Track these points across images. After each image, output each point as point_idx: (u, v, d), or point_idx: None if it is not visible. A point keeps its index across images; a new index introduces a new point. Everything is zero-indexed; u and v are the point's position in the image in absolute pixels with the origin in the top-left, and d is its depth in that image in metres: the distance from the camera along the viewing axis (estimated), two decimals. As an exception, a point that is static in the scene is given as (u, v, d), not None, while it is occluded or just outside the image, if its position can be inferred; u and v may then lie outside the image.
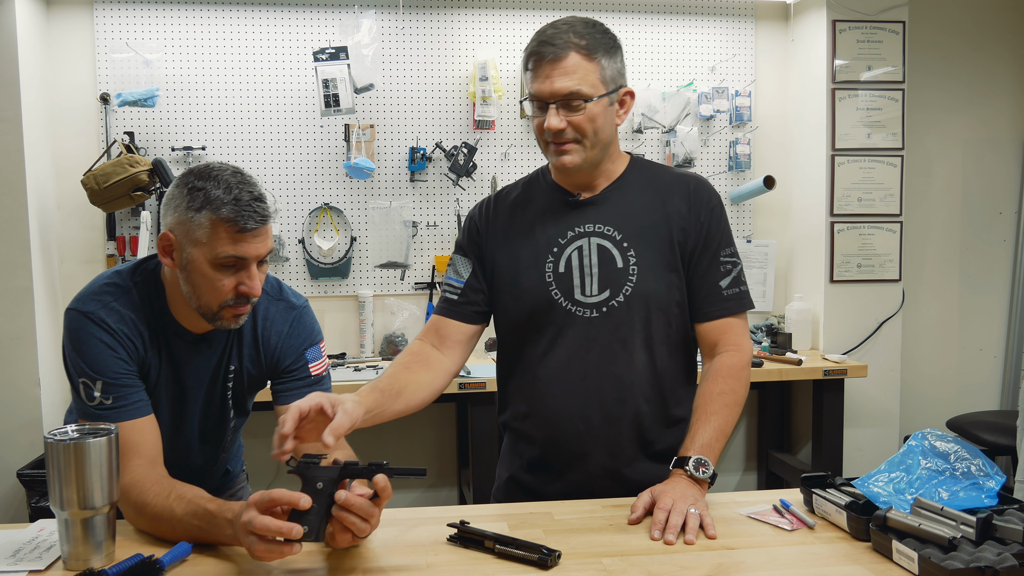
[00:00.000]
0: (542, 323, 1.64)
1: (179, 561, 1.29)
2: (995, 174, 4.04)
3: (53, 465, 1.25)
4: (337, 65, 3.33)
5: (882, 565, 1.27)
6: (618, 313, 1.62)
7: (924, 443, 1.47)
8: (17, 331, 3.10)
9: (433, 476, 3.79)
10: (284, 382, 1.66)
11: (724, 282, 1.66)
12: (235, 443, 1.83)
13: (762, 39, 3.85)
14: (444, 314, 1.73)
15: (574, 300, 1.63)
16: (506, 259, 1.69)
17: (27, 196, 3.11)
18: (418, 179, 3.63)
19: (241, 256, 1.45)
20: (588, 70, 1.56)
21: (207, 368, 1.61)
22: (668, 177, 1.70)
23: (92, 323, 1.48)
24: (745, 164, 3.79)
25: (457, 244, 1.77)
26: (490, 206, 1.75)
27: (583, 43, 1.56)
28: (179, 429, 1.63)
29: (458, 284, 1.72)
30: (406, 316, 3.60)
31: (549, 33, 1.57)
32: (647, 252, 1.63)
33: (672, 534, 1.36)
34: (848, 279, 3.66)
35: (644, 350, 1.63)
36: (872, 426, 3.73)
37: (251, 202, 1.44)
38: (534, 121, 1.61)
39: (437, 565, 1.29)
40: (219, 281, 1.46)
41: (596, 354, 1.62)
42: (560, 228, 1.66)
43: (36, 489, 2.92)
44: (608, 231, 1.64)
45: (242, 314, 1.51)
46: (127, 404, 1.47)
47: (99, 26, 3.39)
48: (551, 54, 1.54)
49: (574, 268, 1.63)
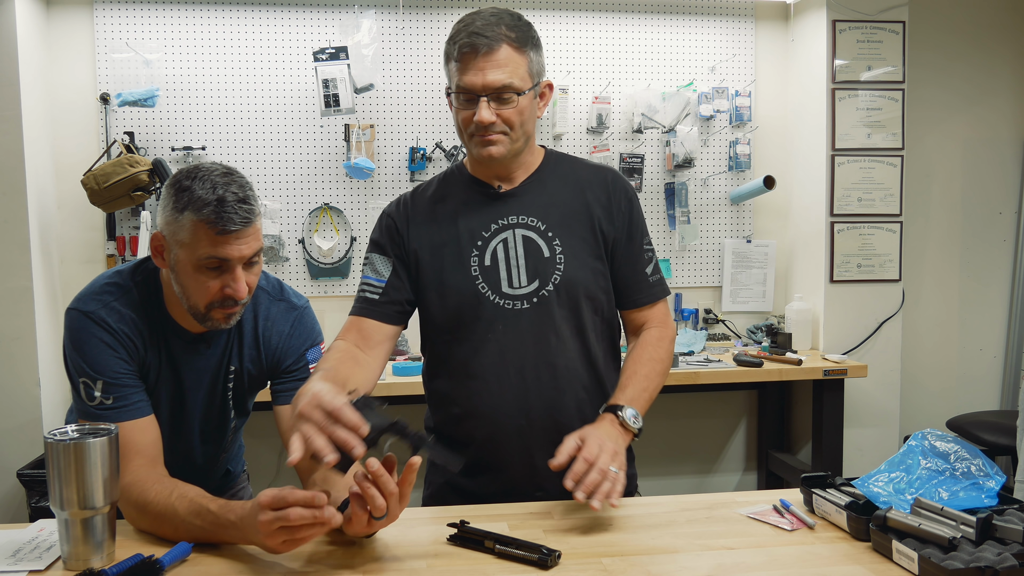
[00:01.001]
0: (470, 319, 1.62)
1: (179, 561, 1.29)
2: (995, 174, 4.04)
3: (53, 465, 1.25)
4: (337, 65, 3.33)
5: (882, 565, 1.27)
6: (548, 303, 1.62)
7: (924, 443, 1.47)
8: (17, 331, 3.10)
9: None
10: (284, 382, 1.65)
11: (648, 269, 1.72)
12: (235, 443, 1.83)
13: (762, 39, 3.85)
14: (365, 314, 1.65)
15: (502, 293, 1.62)
16: (428, 256, 1.65)
17: (27, 196, 3.11)
18: (418, 179, 3.62)
19: (223, 258, 1.43)
20: (518, 63, 1.55)
21: (207, 368, 1.61)
22: (584, 169, 1.72)
23: (93, 323, 1.47)
24: (745, 164, 3.79)
25: (373, 242, 1.71)
26: (407, 203, 1.70)
27: (513, 35, 1.54)
28: (179, 429, 1.63)
29: (378, 283, 1.67)
30: (406, 316, 3.59)
31: (479, 25, 1.53)
32: (572, 241, 1.64)
33: (584, 492, 1.34)
34: (848, 279, 3.66)
35: (576, 338, 1.64)
36: (872, 426, 3.73)
37: (234, 203, 1.42)
38: (459, 114, 1.58)
39: (437, 565, 1.29)
40: (204, 283, 1.45)
41: (530, 345, 1.61)
42: (483, 221, 1.64)
43: (36, 489, 2.92)
44: (532, 222, 1.64)
45: (232, 314, 1.50)
46: (127, 404, 1.47)
47: (99, 26, 3.39)
48: (484, 46, 1.52)
49: (500, 261, 1.62)
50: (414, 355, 3.48)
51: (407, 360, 3.36)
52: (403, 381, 3.13)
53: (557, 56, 3.68)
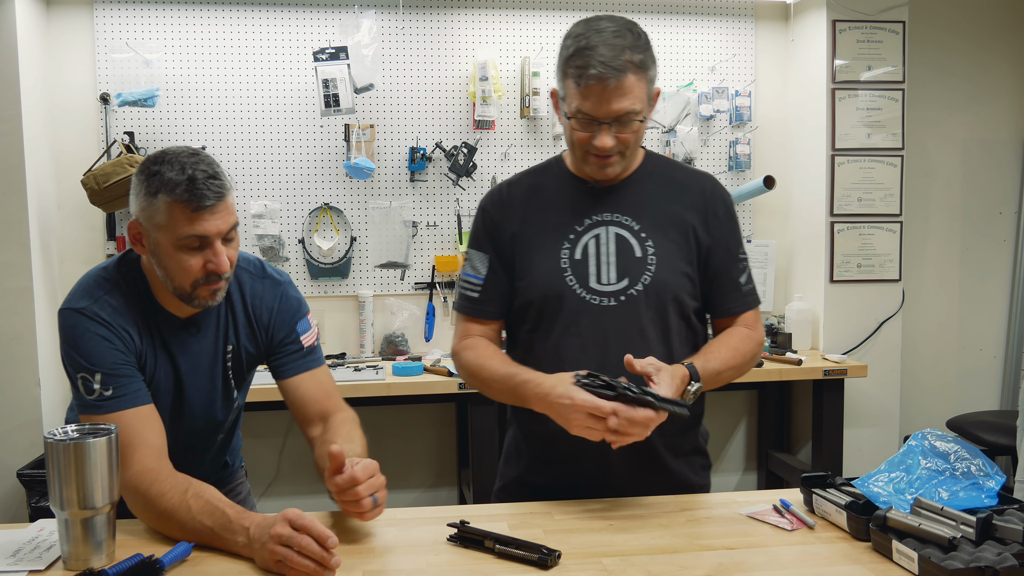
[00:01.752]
0: (554, 310, 1.63)
1: (179, 561, 1.29)
2: (995, 174, 4.04)
3: (53, 465, 1.25)
4: (337, 65, 3.33)
5: (882, 565, 1.27)
6: (636, 302, 1.61)
7: (924, 443, 1.47)
8: (17, 331, 3.10)
9: (433, 476, 3.79)
10: (280, 357, 1.68)
11: (742, 278, 1.71)
12: (237, 425, 1.82)
13: (762, 39, 3.85)
14: (468, 312, 1.71)
15: (589, 288, 1.62)
16: (521, 245, 1.67)
17: (27, 196, 3.11)
18: (418, 179, 3.63)
19: (202, 234, 1.45)
20: (641, 88, 1.54)
21: (202, 351, 1.62)
22: (683, 173, 1.72)
23: (86, 318, 1.48)
24: (745, 164, 3.79)
25: (472, 238, 1.73)
26: (503, 194, 1.72)
27: (637, 59, 1.52)
28: (179, 415, 1.63)
29: (477, 281, 1.69)
30: (406, 316, 3.60)
31: (604, 54, 1.50)
32: (665, 244, 1.64)
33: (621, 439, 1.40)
34: (848, 279, 3.66)
35: (660, 340, 1.63)
36: (872, 426, 3.73)
37: (205, 180, 1.44)
38: (575, 134, 1.57)
39: (437, 565, 1.29)
40: (186, 262, 1.47)
41: (613, 343, 1.60)
42: (577, 215, 1.65)
43: (36, 489, 2.92)
44: (626, 220, 1.64)
45: (218, 289, 1.52)
46: (127, 393, 1.48)
47: (99, 26, 3.39)
48: (612, 79, 1.50)
49: (590, 256, 1.63)
50: (414, 355, 3.48)
51: (407, 360, 3.37)
52: (403, 381, 3.13)
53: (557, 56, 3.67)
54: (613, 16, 1.58)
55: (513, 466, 1.75)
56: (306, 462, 3.68)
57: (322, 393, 1.68)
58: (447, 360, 3.35)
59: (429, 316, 3.65)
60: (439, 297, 3.67)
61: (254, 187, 3.53)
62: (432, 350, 3.59)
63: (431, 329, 3.65)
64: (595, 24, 1.55)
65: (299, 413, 1.68)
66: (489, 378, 1.62)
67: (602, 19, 1.57)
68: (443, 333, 3.67)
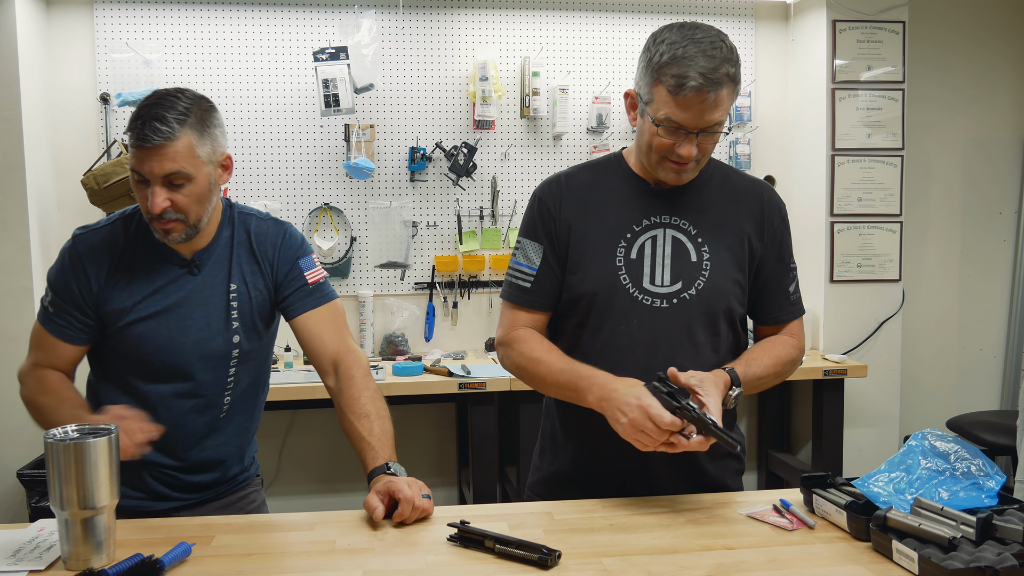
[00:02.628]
0: (605, 308, 1.62)
1: (179, 561, 1.29)
2: (995, 174, 4.04)
3: (53, 465, 1.25)
4: (337, 65, 3.33)
5: (882, 565, 1.27)
6: (688, 306, 1.61)
7: (924, 443, 1.47)
8: (17, 331, 3.10)
9: (433, 476, 3.79)
10: (287, 295, 1.72)
11: (791, 288, 1.72)
12: (253, 404, 1.80)
13: (762, 39, 3.85)
14: (517, 302, 1.69)
15: (642, 288, 1.61)
16: (577, 239, 1.65)
17: (27, 196, 3.11)
18: (418, 179, 3.63)
19: (140, 172, 1.53)
20: (731, 100, 1.53)
21: (201, 288, 1.66)
22: (742, 180, 1.72)
23: (70, 246, 1.65)
24: (745, 164, 3.79)
25: (525, 226, 1.70)
26: (561, 184, 1.69)
27: (733, 72, 1.51)
28: (177, 352, 1.64)
29: (530, 271, 1.67)
30: (406, 316, 3.60)
31: (706, 66, 1.48)
32: (720, 249, 1.64)
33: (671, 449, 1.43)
34: (848, 279, 3.66)
35: (710, 348, 1.63)
36: (872, 426, 3.73)
37: (150, 121, 1.50)
38: (657, 140, 1.55)
39: (437, 565, 1.29)
40: (137, 196, 1.58)
41: (663, 345, 1.60)
42: (635, 215, 1.64)
43: (36, 489, 2.92)
44: (684, 224, 1.64)
45: (168, 230, 1.57)
46: (61, 323, 1.65)
47: (99, 26, 3.39)
48: (712, 92, 1.48)
49: (646, 256, 1.62)
50: (414, 355, 3.48)
51: (407, 360, 3.37)
52: (403, 381, 3.13)
53: (557, 56, 3.68)
54: (701, 25, 1.56)
55: (549, 459, 1.74)
56: (307, 461, 3.68)
57: (331, 334, 1.71)
58: (447, 360, 3.35)
59: (429, 316, 3.65)
60: (439, 297, 3.68)
61: (254, 187, 3.53)
62: (432, 350, 3.59)
63: (431, 329, 3.65)
64: (691, 33, 1.53)
65: (312, 357, 1.72)
66: (547, 372, 1.61)
67: (697, 28, 1.55)
68: (443, 333, 3.67)
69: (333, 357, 1.69)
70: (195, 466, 1.70)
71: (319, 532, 1.43)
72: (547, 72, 3.63)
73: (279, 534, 1.42)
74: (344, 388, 1.65)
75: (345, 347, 1.71)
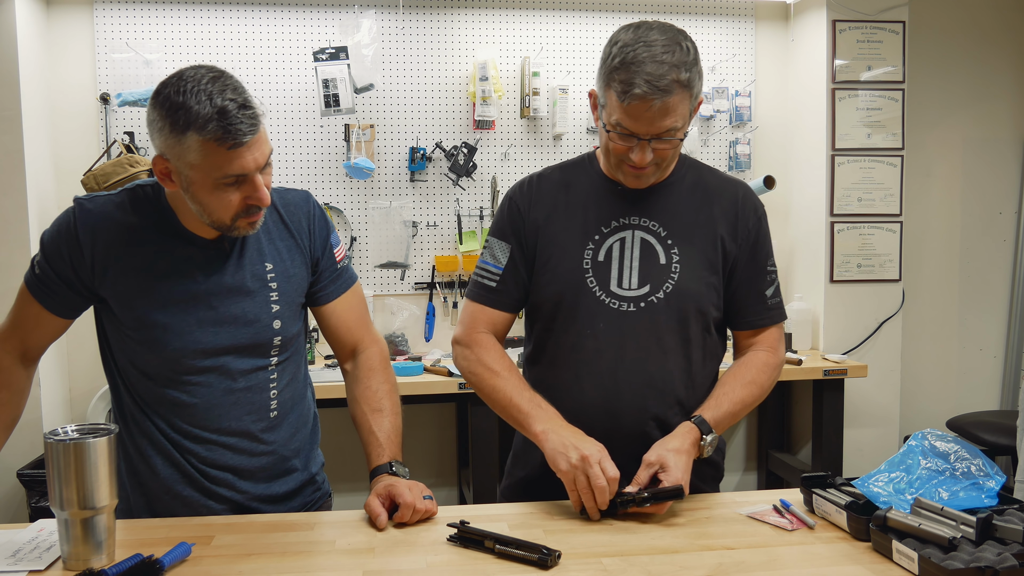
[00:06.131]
0: (571, 310, 1.60)
1: (179, 561, 1.29)
2: (995, 174, 4.04)
3: (53, 465, 1.25)
4: (337, 65, 3.33)
5: (882, 565, 1.27)
6: (656, 310, 1.58)
7: (924, 443, 1.47)
8: (17, 331, 3.10)
9: (433, 476, 3.80)
10: (320, 279, 1.61)
11: (769, 291, 1.68)
12: (302, 395, 1.67)
13: (762, 39, 3.85)
14: (482, 301, 1.66)
15: (609, 291, 1.59)
16: (545, 240, 1.63)
17: (27, 196, 3.11)
18: (418, 179, 3.63)
19: (241, 173, 1.37)
20: (684, 106, 1.48)
21: (232, 272, 1.51)
22: (717, 180, 1.68)
23: (68, 214, 1.48)
24: (745, 164, 3.79)
25: (495, 226, 1.69)
26: (532, 185, 1.68)
27: (684, 78, 1.45)
28: (208, 339, 1.50)
29: (496, 270, 1.66)
30: (406, 316, 3.60)
31: (652, 72, 1.43)
32: (690, 251, 1.61)
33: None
34: (848, 279, 3.66)
35: (680, 352, 1.60)
36: (872, 426, 3.73)
37: (237, 112, 1.34)
38: (611, 144, 1.53)
39: (437, 565, 1.29)
40: (226, 199, 1.39)
41: (630, 349, 1.58)
42: (604, 216, 1.62)
43: (36, 489, 2.92)
44: (653, 226, 1.61)
45: (258, 220, 1.46)
46: (45, 291, 1.49)
47: (99, 26, 3.39)
48: (658, 99, 1.43)
49: (613, 259, 1.60)
50: (414, 355, 3.48)
51: (407, 360, 3.37)
52: (403, 381, 3.12)
53: (557, 56, 3.68)
54: (663, 25, 1.50)
55: (521, 466, 1.73)
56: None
57: (355, 321, 1.66)
58: (447, 360, 3.35)
59: (429, 316, 3.65)
60: (439, 297, 3.67)
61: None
62: (432, 350, 3.59)
63: (431, 329, 3.65)
64: (644, 35, 1.47)
65: (334, 343, 1.67)
66: (502, 388, 1.59)
67: (652, 29, 1.48)
68: (443, 333, 3.67)
69: (356, 344, 1.66)
70: None
71: (319, 532, 1.43)
72: (547, 72, 3.63)
73: (279, 534, 1.41)
74: (362, 377, 1.62)
75: (370, 335, 1.67)
